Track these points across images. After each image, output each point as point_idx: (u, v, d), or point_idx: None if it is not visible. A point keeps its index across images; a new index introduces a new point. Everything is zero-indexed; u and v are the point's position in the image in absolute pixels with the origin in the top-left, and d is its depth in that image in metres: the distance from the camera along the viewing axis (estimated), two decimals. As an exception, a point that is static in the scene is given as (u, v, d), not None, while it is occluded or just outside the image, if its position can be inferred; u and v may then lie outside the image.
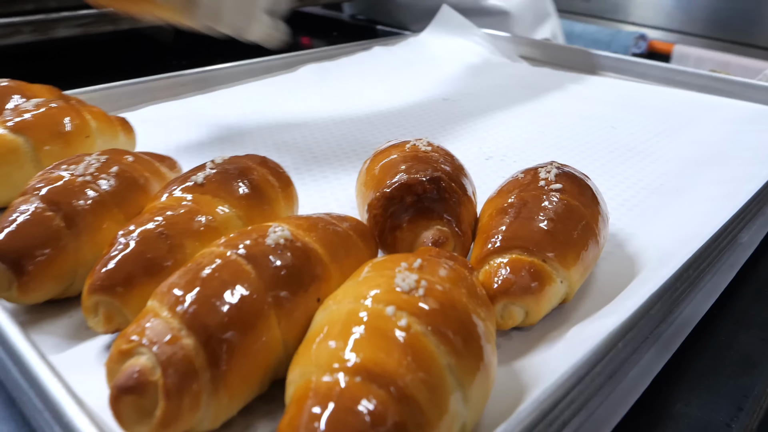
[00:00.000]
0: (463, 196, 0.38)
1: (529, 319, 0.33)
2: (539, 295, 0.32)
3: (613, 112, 0.69)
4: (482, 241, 0.35)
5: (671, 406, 0.37)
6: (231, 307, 0.26)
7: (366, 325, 0.24)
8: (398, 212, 0.37)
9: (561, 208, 0.35)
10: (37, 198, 0.36)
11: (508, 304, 0.32)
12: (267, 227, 0.31)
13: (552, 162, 0.41)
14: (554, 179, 0.37)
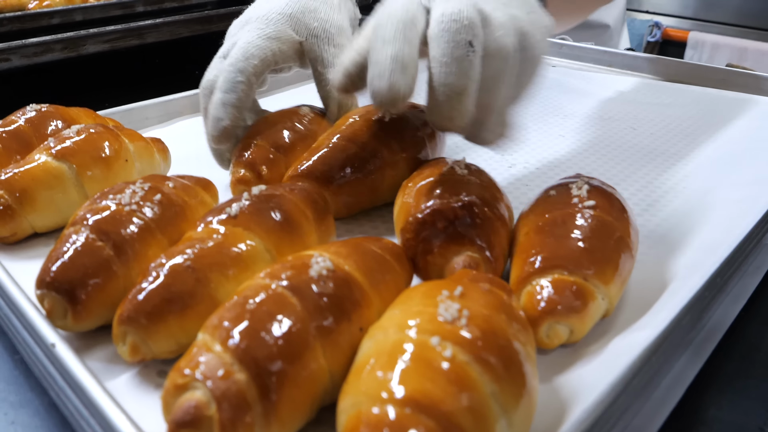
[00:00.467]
0: (497, 221, 0.39)
1: (574, 336, 0.34)
2: (583, 314, 0.33)
3: (633, 111, 0.70)
4: (521, 261, 0.36)
5: (704, 412, 0.38)
6: (279, 340, 0.28)
7: (412, 355, 0.26)
8: (430, 237, 0.38)
9: (596, 225, 0.36)
10: (87, 228, 0.37)
11: (554, 323, 0.33)
12: (309, 257, 0.32)
13: (579, 176, 0.42)
14: (586, 195, 0.38)
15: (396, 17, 0.37)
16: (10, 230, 0.45)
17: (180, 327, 0.33)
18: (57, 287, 0.35)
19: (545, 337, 0.34)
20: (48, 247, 0.47)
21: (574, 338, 0.34)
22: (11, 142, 0.51)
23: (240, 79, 0.49)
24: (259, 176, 0.49)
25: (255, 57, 0.50)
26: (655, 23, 1.79)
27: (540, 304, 0.34)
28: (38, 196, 0.45)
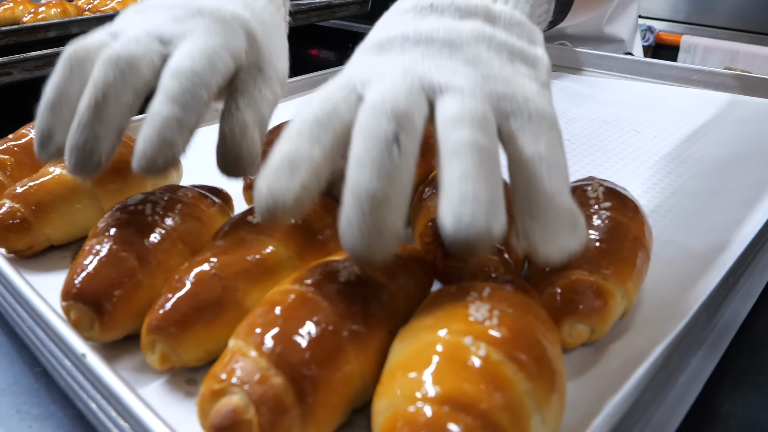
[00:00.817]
0: (513, 224, 0.39)
1: (595, 335, 0.35)
2: (604, 313, 0.34)
3: (635, 115, 0.71)
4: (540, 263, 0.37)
5: (718, 407, 0.39)
6: (312, 344, 0.28)
7: (446, 355, 0.26)
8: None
9: (613, 226, 0.37)
10: (110, 239, 0.38)
11: (575, 323, 0.34)
12: (335, 262, 0.33)
13: (591, 178, 0.43)
14: (602, 197, 0.39)
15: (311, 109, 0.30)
16: (26, 243, 0.45)
17: (208, 335, 0.33)
18: (83, 298, 0.35)
19: (567, 336, 0.34)
20: (64, 259, 0.47)
21: (595, 337, 0.35)
22: (23, 156, 0.51)
23: (204, 97, 0.35)
24: None
25: (219, 72, 0.36)
26: (648, 27, 1.82)
27: (561, 304, 0.34)
28: (54, 209, 0.45)
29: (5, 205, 0.45)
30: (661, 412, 0.34)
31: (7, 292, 0.41)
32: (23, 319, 0.39)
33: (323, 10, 1.12)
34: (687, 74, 0.80)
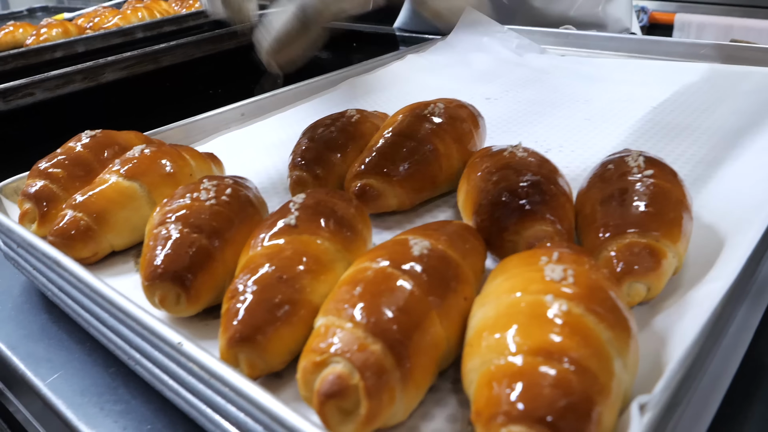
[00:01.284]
0: (561, 196, 0.42)
1: (651, 293, 0.37)
2: (659, 272, 0.36)
3: (649, 92, 0.73)
4: (594, 230, 0.39)
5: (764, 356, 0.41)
6: (401, 312, 0.30)
7: (531, 312, 0.28)
8: (503, 216, 0.41)
9: (657, 191, 0.39)
10: (179, 224, 0.41)
11: (633, 283, 0.36)
12: (406, 240, 0.35)
13: (628, 150, 0.45)
14: (644, 165, 0.41)
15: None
16: (91, 251, 0.47)
17: (291, 336, 0.34)
18: (169, 276, 0.38)
19: (626, 296, 0.36)
20: (127, 263, 0.49)
21: (651, 295, 0.37)
22: (74, 169, 0.53)
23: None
24: (316, 177, 0.52)
25: None
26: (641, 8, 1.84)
27: (619, 266, 0.37)
28: (115, 216, 0.47)
29: (68, 214, 0.47)
30: (717, 361, 0.36)
31: (84, 297, 0.43)
32: (104, 320, 0.41)
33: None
34: (694, 49, 0.82)
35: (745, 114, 0.64)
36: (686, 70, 0.78)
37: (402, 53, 0.91)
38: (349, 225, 0.40)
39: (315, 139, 0.53)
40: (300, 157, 0.53)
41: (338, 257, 0.38)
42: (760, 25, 1.66)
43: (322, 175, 0.52)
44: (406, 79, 0.84)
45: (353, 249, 0.39)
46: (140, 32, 1.24)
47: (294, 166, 0.53)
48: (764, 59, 0.77)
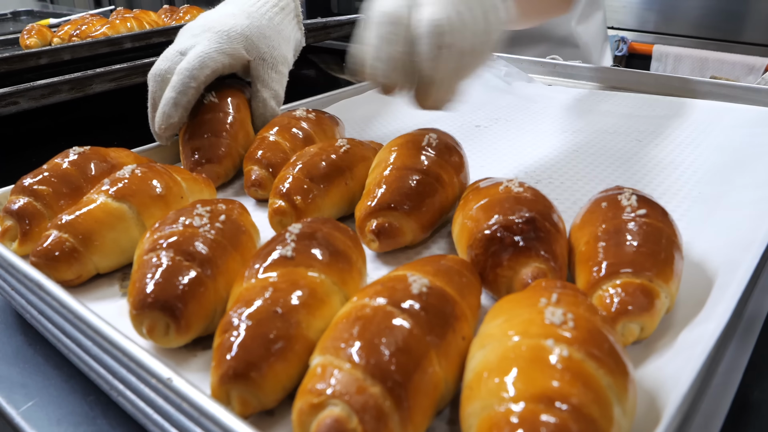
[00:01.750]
0: (556, 233, 0.42)
1: (644, 333, 0.37)
2: (652, 312, 0.37)
3: (634, 125, 0.75)
4: (588, 269, 0.39)
5: (750, 394, 0.42)
6: (401, 353, 0.30)
7: (532, 357, 0.28)
8: (498, 252, 0.41)
9: (650, 230, 0.40)
10: (170, 251, 0.40)
11: (627, 323, 0.37)
12: (405, 277, 0.35)
13: (619, 187, 0.45)
14: (637, 205, 0.42)
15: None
16: (75, 273, 0.46)
17: (286, 373, 0.33)
18: (158, 306, 0.37)
19: (620, 335, 0.37)
20: (112, 287, 0.48)
21: (644, 335, 0.37)
22: (60, 186, 0.52)
23: (192, 85, 0.59)
24: (295, 207, 0.51)
25: (208, 67, 0.59)
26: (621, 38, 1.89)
27: (613, 306, 0.37)
28: (102, 238, 0.46)
29: (52, 235, 0.46)
30: (708, 400, 0.36)
31: (66, 322, 0.41)
32: (86, 348, 0.40)
33: (319, 31, 1.14)
34: (677, 84, 0.84)
35: (727, 150, 0.66)
36: (669, 104, 0.80)
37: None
38: (346, 257, 0.40)
39: (300, 168, 0.53)
40: (282, 185, 0.52)
41: (334, 290, 0.38)
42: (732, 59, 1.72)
43: (301, 206, 0.51)
44: (395, 104, 0.84)
45: (349, 281, 0.39)
46: (128, 42, 1.23)
47: (275, 194, 0.52)
48: (742, 96, 0.79)
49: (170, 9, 1.36)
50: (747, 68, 1.76)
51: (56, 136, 0.91)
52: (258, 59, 0.63)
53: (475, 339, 0.32)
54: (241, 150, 0.62)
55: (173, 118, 0.59)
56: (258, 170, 0.58)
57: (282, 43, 0.65)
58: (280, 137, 0.60)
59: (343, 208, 0.55)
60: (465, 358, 0.32)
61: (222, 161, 0.60)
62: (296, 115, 0.62)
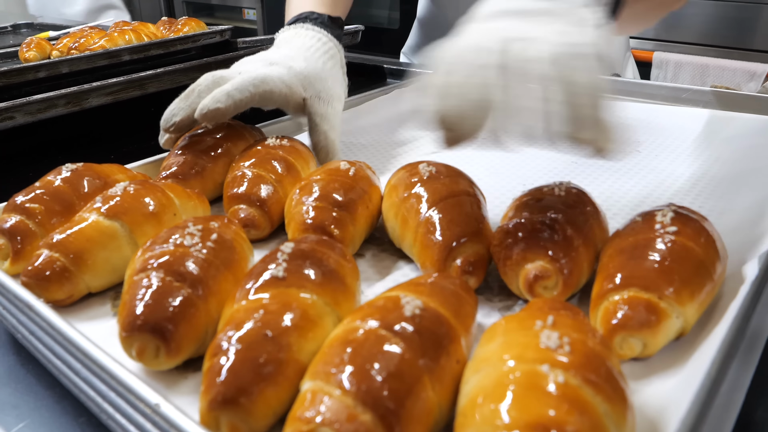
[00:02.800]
0: (577, 240, 0.42)
1: (647, 350, 0.37)
2: (655, 329, 0.36)
3: (634, 135, 0.74)
4: (601, 279, 0.39)
5: (753, 413, 0.41)
6: (393, 379, 0.29)
7: (527, 384, 0.28)
8: (511, 245, 0.42)
9: (676, 249, 0.39)
10: (161, 271, 0.39)
11: (627, 336, 0.36)
12: (397, 299, 0.34)
13: (669, 205, 0.44)
14: (669, 222, 0.41)
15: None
16: (67, 292, 0.45)
17: (276, 398, 0.32)
18: (149, 328, 0.37)
19: (618, 348, 0.36)
20: (104, 306, 0.47)
21: (647, 352, 0.37)
22: (52, 204, 0.51)
23: (251, 90, 0.58)
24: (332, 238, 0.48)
25: (269, 85, 0.60)
26: (621, 46, 1.89)
27: (614, 318, 0.36)
28: (93, 257, 0.45)
29: (43, 254, 0.45)
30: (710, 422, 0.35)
31: (56, 344, 0.41)
32: (76, 370, 0.39)
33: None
34: (678, 93, 0.83)
35: (727, 162, 0.65)
36: (669, 114, 0.79)
37: (388, 88, 0.91)
38: (339, 277, 0.39)
39: (318, 197, 0.50)
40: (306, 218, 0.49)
41: (327, 311, 0.37)
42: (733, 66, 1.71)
43: (340, 237, 0.49)
44: (390, 117, 0.83)
45: (342, 302, 0.38)
46: (126, 55, 1.23)
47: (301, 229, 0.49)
48: (743, 104, 0.79)
49: (169, 21, 1.37)
50: (748, 75, 1.75)
51: (53, 150, 0.91)
52: (314, 97, 0.65)
53: (470, 362, 0.32)
54: (217, 176, 0.60)
55: (221, 107, 0.57)
56: (247, 208, 0.54)
57: (336, 84, 0.69)
58: (261, 170, 0.56)
59: (368, 232, 0.53)
60: (459, 382, 0.32)
61: (189, 180, 0.58)
62: (270, 144, 0.59)
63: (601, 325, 0.37)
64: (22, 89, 1.11)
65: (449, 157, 0.70)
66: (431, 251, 0.45)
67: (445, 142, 0.42)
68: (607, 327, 0.36)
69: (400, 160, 0.70)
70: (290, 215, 0.51)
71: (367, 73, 1.16)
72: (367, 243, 0.54)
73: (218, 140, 0.62)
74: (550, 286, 0.41)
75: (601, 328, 0.37)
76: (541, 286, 0.41)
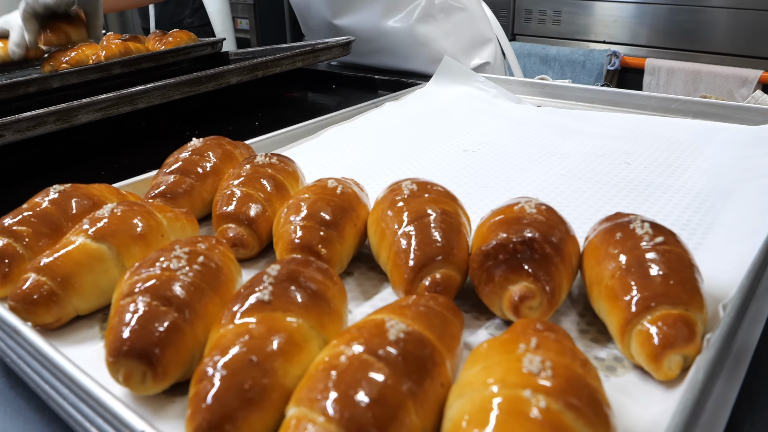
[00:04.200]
0: (556, 257, 0.42)
1: (687, 362, 0.37)
2: (696, 341, 0.36)
3: (623, 146, 0.74)
4: (621, 304, 0.39)
5: (739, 429, 0.41)
6: (376, 404, 0.29)
7: (508, 409, 0.28)
8: (492, 268, 0.42)
9: (674, 258, 0.39)
10: (147, 296, 0.39)
11: (672, 356, 0.36)
12: (381, 322, 0.34)
13: (620, 214, 0.45)
14: (652, 232, 0.41)
15: None
16: (54, 316, 0.45)
17: (262, 424, 0.32)
18: (135, 353, 0.37)
19: (668, 369, 0.36)
20: (92, 329, 0.47)
21: (687, 364, 0.37)
22: (40, 226, 0.51)
23: None
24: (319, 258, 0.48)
25: None
26: (613, 52, 1.90)
27: (658, 340, 0.36)
28: (81, 280, 0.45)
29: (30, 278, 0.45)
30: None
31: (43, 369, 0.41)
32: (64, 395, 0.39)
33: (307, 55, 1.15)
34: (665, 104, 0.84)
35: (715, 174, 0.65)
36: (659, 125, 0.80)
37: (380, 101, 0.92)
38: (325, 300, 0.39)
39: (306, 216, 0.50)
40: (293, 237, 0.49)
41: (312, 334, 0.37)
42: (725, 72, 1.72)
43: (327, 257, 0.49)
44: (382, 130, 0.84)
45: (328, 324, 0.38)
46: (118, 68, 1.23)
47: (289, 248, 0.49)
48: (732, 115, 0.79)
49: (160, 33, 1.37)
50: (740, 81, 1.76)
51: (44, 166, 0.91)
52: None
53: (454, 386, 0.32)
54: (206, 195, 0.60)
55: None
56: (235, 227, 0.53)
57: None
58: (250, 188, 0.55)
59: (356, 250, 0.53)
60: (444, 405, 0.32)
61: (178, 199, 0.58)
62: (258, 162, 0.59)
63: (641, 349, 0.37)
64: (13, 104, 1.11)
65: (439, 172, 0.70)
66: (401, 270, 0.44)
67: None
68: (652, 350, 0.36)
69: (392, 175, 0.70)
70: (278, 234, 0.51)
71: (358, 86, 1.16)
72: (356, 261, 0.54)
73: (206, 158, 0.62)
74: (535, 306, 0.41)
75: (642, 352, 0.37)
76: (526, 306, 0.41)
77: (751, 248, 0.48)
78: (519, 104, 0.91)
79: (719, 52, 1.81)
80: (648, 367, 0.37)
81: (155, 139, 1.02)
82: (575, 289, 0.48)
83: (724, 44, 1.82)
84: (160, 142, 0.72)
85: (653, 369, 0.36)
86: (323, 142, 0.80)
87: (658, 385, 0.37)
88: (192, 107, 1.15)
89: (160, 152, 0.65)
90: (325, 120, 0.84)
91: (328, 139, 0.81)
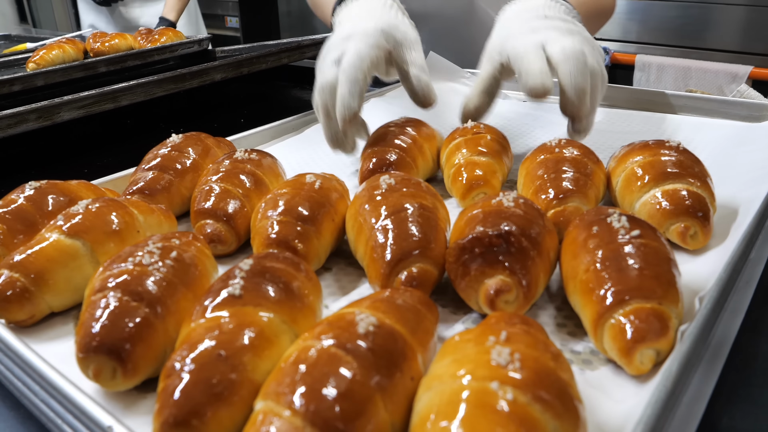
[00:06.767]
0: (532, 251, 0.42)
1: (660, 357, 0.36)
2: (668, 335, 0.36)
3: (611, 141, 0.74)
4: (594, 298, 0.38)
5: (718, 422, 0.40)
6: (343, 398, 0.29)
7: (476, 401, 0.27)
8: (468, 261, 0.41)
9: (649, 252, 0.39)
10: (118, 291, 0.39)
11: (645, 350, 0.36)
12: (352, 315, 0.34)
13: (600, 209, 0.45)
14: (629, 226, 0.41)
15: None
16: (28, 313, 0.45)
17: (230, 418, 0.32)
18: (105, 349, 0.36)
19: (640, 363, 0.36)
20: (67, 325, 0.47)
21: (660, 359, 0.36)
22: (15, 223, 0.51)
23: (360, 76, 0.62)
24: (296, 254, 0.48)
25: (366, 59, 0.63)
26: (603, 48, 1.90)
27: (630, 334, 0.36)
28: (54, 276, 0.45)
29: (3, 274, 0.44)
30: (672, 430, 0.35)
31: (15, 366, 0.40)
32: (35, 392, 0.39)
33: (293, 51, 1.14)
34: (652, 98, 0.84)
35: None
36: (644, 119, 0.80)
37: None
38: (297, 295, 0.39)
39: (283, 211, 0.50)
40: (270, 232, 0.49)
41: (283, 329, 0.36)
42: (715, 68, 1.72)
43: (303, 252, 0.48)
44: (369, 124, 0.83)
45: (300, 319, 0.38)
46: (103, 66, 1.22)
47: (265, 243, 0.49)
48: (718, 110, 0.79)
49: (146, 31, 1.36)
50: (730, 76, 1.77)
51: (26, 164, 0.90)
52: (396, 45, 0.67)
53: (423, 379, 0.31)
54: (184, 191, 0.60)
55: (353, 106, 0.61)
56: (213, 223, 0.53)
57: (408, 28, 0.71)
58: (228, 184, 0.55)
59: (334, 245, 0.52)
60: (413, 400, 0.31)
61: (156, 196, 0.57)
62: (238, 158, 0.59)
63: (613, 343, 0.37)
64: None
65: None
66: (377, 265, 0.44)
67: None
68: (624, 344, 0.36)
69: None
70: (255, 230, 0.51)
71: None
72: (334, 256, 0.53)
73: (185, 155, 0.62)
74: (511, 299, 0.40)
75: (614, 346, 0.37)
76: (502, 300, 0.40)
77: (732, 242, 0.48)
78: (505, 99, 0.91)
79: (710, 48, 1.82)
80: (620, 362, 0.37)
81: (140, 137, 1.01)
82: (554, 283, 0.48)
83: (714, 40, 1.82)
84: (146, 141, 0.71)
85: (625, 363, 0.36)
86: (306, 138, 0.79)
87: (632, 379, 0.37)
88: (180, 105, 1.15)
89: (146, 151, 0.65)
90: (308, 116, 0.84)
91: (311, 135, 0.80)
